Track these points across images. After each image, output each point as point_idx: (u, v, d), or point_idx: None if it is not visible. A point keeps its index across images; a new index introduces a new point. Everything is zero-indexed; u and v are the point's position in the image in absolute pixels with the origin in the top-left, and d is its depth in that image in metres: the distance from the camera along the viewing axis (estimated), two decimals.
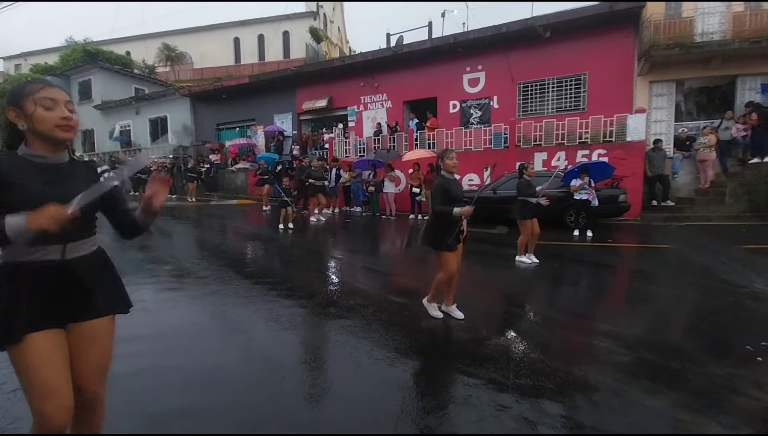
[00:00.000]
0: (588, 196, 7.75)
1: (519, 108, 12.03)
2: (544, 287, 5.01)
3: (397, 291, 4.38)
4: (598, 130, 10.24)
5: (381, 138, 13.38)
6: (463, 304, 3.71)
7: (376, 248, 7.60)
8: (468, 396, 2.34)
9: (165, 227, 8.89)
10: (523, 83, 11.93)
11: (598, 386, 2.46)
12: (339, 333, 3.26)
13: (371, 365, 2.71)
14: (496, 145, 11.29)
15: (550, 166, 10.21)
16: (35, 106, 1.26)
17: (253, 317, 3.53)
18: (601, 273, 5.60)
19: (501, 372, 2.61)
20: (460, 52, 12.45)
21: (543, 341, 3.17)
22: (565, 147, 10.34)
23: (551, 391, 2.39)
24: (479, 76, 12.51)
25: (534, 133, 10.86)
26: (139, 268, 5.23)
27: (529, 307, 4.10)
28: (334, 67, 15.27)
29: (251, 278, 4.79)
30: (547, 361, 2.77)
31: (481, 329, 3.37)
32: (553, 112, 11.48)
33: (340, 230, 9.13)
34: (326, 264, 5.88)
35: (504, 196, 8.71)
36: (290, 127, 16.89)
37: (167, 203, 13.61)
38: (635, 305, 4.27)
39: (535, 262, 5.55)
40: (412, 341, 3.11)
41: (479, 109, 12.55)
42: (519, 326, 3.53)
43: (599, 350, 3.01)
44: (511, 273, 5.33)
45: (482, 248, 7.12)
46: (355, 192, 12.17)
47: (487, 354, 2.88)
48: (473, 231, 8.54)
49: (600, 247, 7.00)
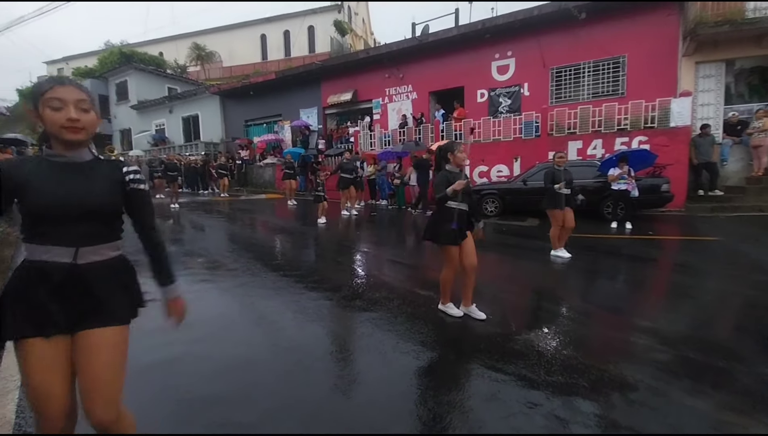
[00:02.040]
0: (627, 185, 7.33)
1: (552, 95, 11.52)
2: (579, 280, 4.77)
3: (423, 284, 4.29)
4: (639, 116, 9.65)
5: (406, 130, 13.21)
6: (493, 298, 3.60)
7: (402, 241, 7.52)
8: (496, 392, 2.27)
9: (198, 221, 9.17)
10: (556, 69, 11.40)
11: (635, 384, 2.33)
12: (364, 325, 3.24)
13: (397, 358, 2.68)
14: (526, 134, 10.89)
15: (585, 155, 9.75)
16: (44, 107, 1.24)
17: (281, 309, 3.58)
18: (640, 267, 5.27)
19: (531, 368, 2.52)
20: (489, 38, 12.05)
21: (576, 337, 3.02)
22: (602, 134, 9.83)
23: (585, 389, 2.28)
24: (509, 63, 12.06)
25: (568, 121, 10.38)
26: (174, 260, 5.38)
27: (561, 301, 3.92)
28: (359, 60, 15.18)
29: (279, 270, 4.84)
30: (581, 358, 2.64)
31: (510, 324, 3.25)
32: (589, 98, 10.92)
33: (366, 223, 9.10)
34: (352, 257, 5.86)
35: (534, 187, 8.40)
36: (316, 122, 17.01)
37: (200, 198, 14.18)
38: (678, 300, 4.00)
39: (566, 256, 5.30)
40: (438, 335, 3.05)
41: (509, 98, 12.13)
42: (551, 321, 3.38)
43: (637, 347, 2.84)
44: (543, 266, 5.11)
45: (512, 240, 6.89)
46: (380, 185, 12.10)
47: (517, 349, 2.78)
48: (503, 223, 8.37)
49: (640, 239, 6.61)
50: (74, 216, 1.27)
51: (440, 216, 3.23)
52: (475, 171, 11.33)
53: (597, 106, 10.18)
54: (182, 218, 9.54)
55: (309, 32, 32.54)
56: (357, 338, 3.10)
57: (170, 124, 23.18)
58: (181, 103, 22.50)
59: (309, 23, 32.23)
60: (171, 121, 23.10)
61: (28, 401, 1.31)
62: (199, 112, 21.64)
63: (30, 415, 2.05)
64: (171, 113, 23.01)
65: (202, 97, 21.31)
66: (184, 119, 22.44)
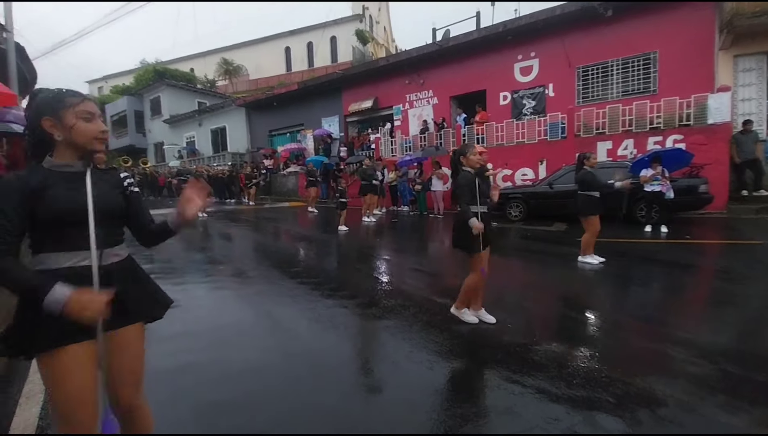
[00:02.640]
0: (661, 187, 6.92)
1: (578, 94, 11.14)
2: (608, 288, 4.50)
3: (440, 292, 4.17)
4: (673, 114, 9.16)
5: (427, 135, 13.12)
6: (514, 306, 3.44)
7: (421, 248, 7.39)
8: (512, 405, 2.15)
9: (223, 229, 9.39)
10: (582, 67, 11.03)
11: (665, 399, 2.15)
12: (378, 334, 3.19)
13: (409, 368, 2.60)
14: (552, 136, 10.55)
15: (615, 155, 9.33)
16: (76, 118, 1.27)
17: (296, 317, 3.56)
18: (677, 273, 4.92)
19: (551, 381, 2.38)
20: (511, 40, 11.82)
21: (602, 348, 2.84)
22: (633, 134, 9.39)
23: (608, 404, 2.13)
24: (532, 64, 11.78)
25: (596, 121, 9.99)
26: (197, 268, 5.52)
27: (588, 310, 3.70)
28: (379, 68, 15.27)
29: (296, 277, 4.84)
30: (606, 370, 2.47)
31: (530, 334, 3.09)
32: (619, 97, 10.48)
33: (386, 230, 9.04)
34: (370, 264, 5.80)
35: (561, 190, 8.10)
36: (337, 130, 17.20)
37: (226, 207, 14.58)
38: (717, 309, 3.70)
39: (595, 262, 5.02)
40: (454, 344, 2.94)
41: (533, 99, 11.82)
42: (575, 330, 3.20)
43: (669, 360, 2.63)
44: (570, 273, 4.86)
45: (538, 246, 6.63)
46: (401, 191, 12.04)
47: (536, 361, 2.63)
48: (528, 228, 8.10)
49: (677, 244, 6.21)
50: (96, 220, 1.30)
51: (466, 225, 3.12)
52: (499, 175, 11.07)
53: (627, 104, 9.75)
54: (208, 227, 9.79)
55: (331, 43, 33.18)
56: (370, 346, 3.05)
57: (200, 137, 24.09)
58: (209, 116, 23.37)
59: (331, 34, 32.87)
60: (200, 134, 24.02)
61: (59, 411, 1.28)
62: (227, 124, 22.38)
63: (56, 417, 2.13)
64: (200, 126, 23.93)
65: (229, 109, 22.06)
66: (212, 131, 23.28)
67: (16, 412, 2.18)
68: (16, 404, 2.23)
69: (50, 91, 1.30)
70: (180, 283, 4.79)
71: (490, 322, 3.23)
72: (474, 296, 3.28)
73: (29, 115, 1.27)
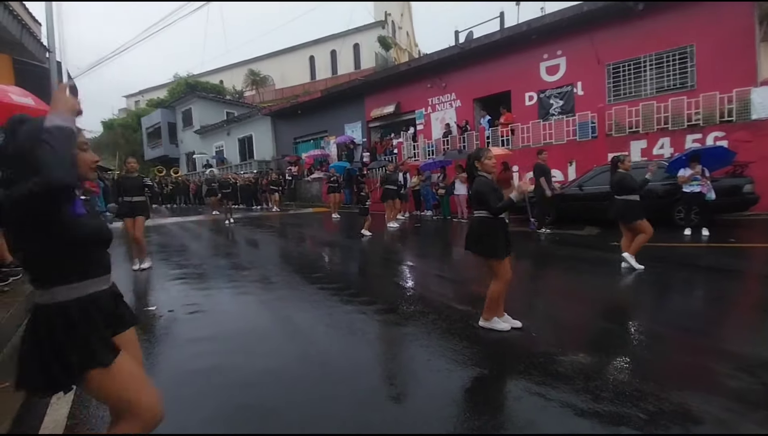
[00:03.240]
0: (701, 187, 6.50)
1: (609, 92, 10.70)
2: (643, 295, 4.22)
3: (461, 298, 4.05)
4: (713, 110, 8.63)
5: (450, 139, 12.97)
6: (540, 314, 3.28)
7: (443, 253, 7.24)
8: (533, 419, 2.04)
9: (249, 235, 9.58)
10: (612, 64, 10.60)
11: (701, 416, 1.98)
12: (396, 341, 3.13)
13: (427, 376, 2.53)
14: (581, 136, 10.18)
15: (651, 155, 8.88)
16: (78, 149, 1.31)
17: (314, 322, 3.53)
18: (719, 280, 4.55)
19: (577, 394, 2.23)
20: (536, 39, 11.54)
21: (634, 359, 2.65)
22: (669, 132, 8.92)
23: (639, 420, 1.98)
24: (559, 63, 11.44)
25: (629, 120, 9.57)
26: (221, 273, 5.62)
27: (620, 319, 3.49)
28: (401, 73, 15.28)
29: (317, 283, 4.82)
30: (638, 384, 2.30)
31: (556, 343, 2.92)
32: (653, 94, 9.99)
33: (409, 235, 8.94)
34: (390, 270, 5.73)
35: (592, 193, 7.76)
36: (360, 135, 17.31)
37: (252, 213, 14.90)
38: (762, 318, 3.40)
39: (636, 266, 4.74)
40: (473, 353, 2.82)
41: (560, 99, 11.46)
42: (604, 341, 3.00)
43: (708, 373, 2.44)
44: (603, 280, 4.61)
45: (567, 251, 6.35)
46: (425, 195, 11.92)
47: (561, 372, 2.48)
48: (557, 233, 7.79)
49: (719, 248, 5.79)
50: (106, 243, 1.39)
51: (493, 230, 3.03)
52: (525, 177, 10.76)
53: (662, 101, 9.28)
54: (234, 233, 10.02)
55: (354, 50, 33.61)
56: (387, 353, 2.99)
57: (228, 146, 24.88)
58: (237, 125, 24.11)
59: (354, 41, 33.30)
60: (228, 143, 24.80)
61: (129, 406, 1.34)
62: (253, 133, 23.01)
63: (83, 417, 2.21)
64: (229, 135, 24.72)
65: (256, 118, 22.68)
66: (239, 140, 23.99)
67: (47, 412, 2.25)
68: (47, 406, 2.30)
69: (41, 121, 1.21)
70: (205, 288, 4.89)
71: (518, 326, 3.13)
72: (499, 304, 3.16)
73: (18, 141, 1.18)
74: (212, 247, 8.22)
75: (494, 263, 3.06)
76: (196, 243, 8.64)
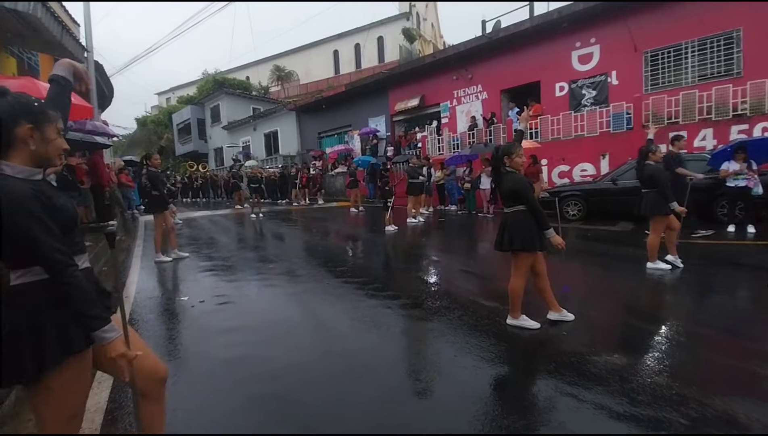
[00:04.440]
0: (747, 182, 6.08)
1: (646, 81, 10.15)
2: (683, 295, 4.00)
3: (488, 294, 3.96)
4: (761, 99, 8.05)
5: (476, 132, 12.70)
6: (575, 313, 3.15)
7: (469, 248, 7.12)
8: (565, 420, 1.97)
9: (275, 229, 9.74)
10: (650, 51, 10.04)
11: (749, 424, 1.87)
12: (422, 336, 3.11)
13: (453, 373, 2.49)
14: (615, 127, 9.74)
15: (691, 147, 8.38)
16: (56, 134, 1.30)
17: (339, 316, 3.55)
18: (766, 279, 4.26)
19: (612, 396, 2.14)
20: (567, 27, 11.07)
21: (674, 362, 2.51)
22: (713, 123, 8.38)
23: (680, 425, 1.88)
24: (592, 51, 10.94)
25: (668, 110, 9.06)
26: (249, 266, 5.73)
27: (659, 319, 3.31)
28: (425, 65, 15.05)
29: (341, 277, 4.85)
30: (678, 388, 2.18)
31: (589, 342, 2.81)
32: (694, 82, 9.40)
33: (433, 230, 8.84)
34: (415, 265, 5.67)
35: (626, 187, 7.43)
36: (384, 129, 17.22)
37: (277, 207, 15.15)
38: None
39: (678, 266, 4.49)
40: (501, 350, 2.76)
41: (593, 89, 10.98)
42: (641, 342, 2.86)
43: (757, 379, 2.29)
44: (638, 278, 4.39)
45: (600, 247, 6.10)
46: (449, 190, 11.75)
47: (595, 373, 2.38)
48: (588, 228, 7.50)
49: (766, 246, 5.40)
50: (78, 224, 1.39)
51: (530, 221, 2.98)
52: (554, 171, 10.42)
53: (705, 90, 8.72)
54: (260, 226, 10.21)
55: (378, 43, 33.40)
56: (412, 349, 2.97)
57: (254, 141, 25.36)
58: (263, 120, 24.52)
59: (378, 34, 33.08)
60: (255, 138, 25.27)
61: (54, 421, 1.29)
62: (278, 128, 23.33)
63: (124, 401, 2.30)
64: (255, 131, 25.19)
65: (281, 114, 22.98)
66: (265, 135, 24.40)
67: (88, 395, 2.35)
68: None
69: (26, 98, 1.26)
70: (234, 280, 4.99)
71: (570, 319, 3.12)
72: (550, 297, 3.15)
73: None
74: (239, 240, 8.40)
75: (521, 257, 3.01)
76: (224, 236, 8.86)
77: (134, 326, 3.46)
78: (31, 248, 1.13)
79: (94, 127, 7.89)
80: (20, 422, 2.18)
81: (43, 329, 1.18)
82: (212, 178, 22.91)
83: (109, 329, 1.22)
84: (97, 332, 1.20)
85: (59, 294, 1.19)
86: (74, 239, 1.33)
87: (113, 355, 1.22)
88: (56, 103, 1.43)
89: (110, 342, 1.22)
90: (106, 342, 1.21)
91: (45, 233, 1.14)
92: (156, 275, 5.42)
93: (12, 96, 1.24)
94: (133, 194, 12.58)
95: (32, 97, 1.30)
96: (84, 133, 7.26)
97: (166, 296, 4.48)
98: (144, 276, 5.29)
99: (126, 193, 11.75)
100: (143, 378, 1.45)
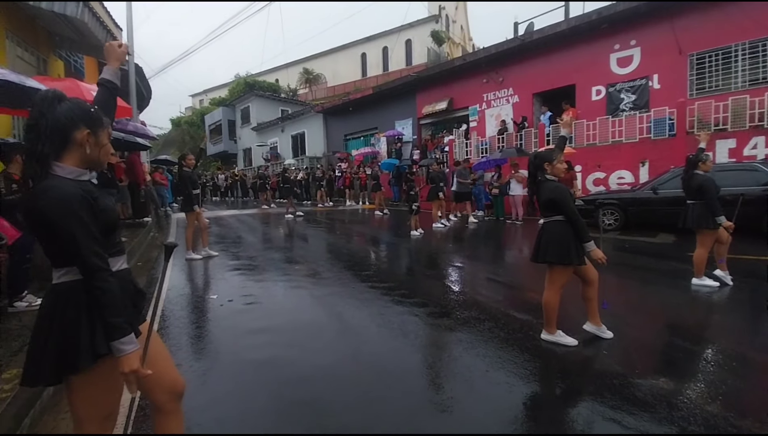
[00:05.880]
0: None
1: (691, 85, 9.60)
2: (734, 315, 3.71)
3: (520, 306, 3.79)
4: None
5: (506, 136, 12.40)
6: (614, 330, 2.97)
7: (498, 256, 6.89)
8: None
9: (300, 230, 9.82)
10: (696, 54, 9.49)
11: None
12: (451, 347, 2.99)
13: (486, 388, 2.39)
14: (657, 133, 9.25)
15: (740, 156, 7.86)
16: (108, 139, 1.35)
17: (366, 321, 3.48)
18: None
19: (659, 423, 1.99)
20: (606, 28, 10.65)
21: (726, 389, 2.31)
22: (765, 130, 7.81)
23: None
24: (632, 53, 10.45)
25: (715, 116, 8.53)
26: (276, 266, 5.77)
27: (707, 341, 3.08)
28: (454, 68, 14.85)
29: (368, 281, 4.78)
30: (732, 418, 2.01)
31: (631, 364, 2.63)
32: (745, 87, 8.81)
33: (460, 236, 8.66)
34: (442, 272, 5.54)
35: (667, 196, 7.03)
36: (410, 132, 17.11)
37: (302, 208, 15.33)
38: None
39: (727, 283, 4.18)
40: (536, 367, 2.62)
41: (632, 93, 10.49)
42: (690, 365, 2.65)
43: None
44: (683, 295, 4.10)
45: (639, 260, 5.77)
46: (476, 195, 11.50)
47: (640, 397, 2.22)
48: (626, 239, 7.13)
49: None
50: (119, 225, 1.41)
51: (570, 233, 2.82)
52: (589, 178, 10.01)
53: (757, 95, 8.15)
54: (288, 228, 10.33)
55: (406, 46, 33.37)
56: (442, 359, 2.86)
57: (282, 142, 25.83)
58: (291, 122, 24.94)
59: (406, 37, 33.05)
60: (282, 139, 25.74)
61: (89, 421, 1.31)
62: (306, 130, 23.66)
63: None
64: (283, 132, 25.65)
65: (308, 115, 23.30)
66: (293, 137, 24.80)
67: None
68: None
69: (85, 104, 1.31)
70: (261, 280, 5.03)
71: (609, 337, 2.98)
72: (592, 308, 2.99)
73: (54, 116, 1.21)
74: (265, 240, 8.52)
75: (556, 270, 2.87)
76: (251, 235, 9.00)
77: (164, 322, 3.53)
78: (72, 249, 1.15)
79: (135, 128, 8.21)
80: (58, 412, 2.23)
81: (78, 327, 1.19)
82: (242, 178, 23.51)
83: (127, 341, 1.17)
84: (115, 343, 1.16)
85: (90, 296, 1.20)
86: (115, 239, 1.35)
87: (123, 370, 1.17)
88: (104, 107, 1.46)
89: (125, 355, 1.17)
90: (122, 355, 1.17)
91: (86, 236, 1.15)
92: (186, 272, 5.54)
93: (71, 101, 1.28)
94: (166, 192, 13.08)
95: (89, 104, 1.35)
96: (125, 134, 7.56)
97: (196, 294, 4.55)
98: (176, 273, 5.42)
99: (159, 190, 12.20)
100: (161, 392, 1.42)
